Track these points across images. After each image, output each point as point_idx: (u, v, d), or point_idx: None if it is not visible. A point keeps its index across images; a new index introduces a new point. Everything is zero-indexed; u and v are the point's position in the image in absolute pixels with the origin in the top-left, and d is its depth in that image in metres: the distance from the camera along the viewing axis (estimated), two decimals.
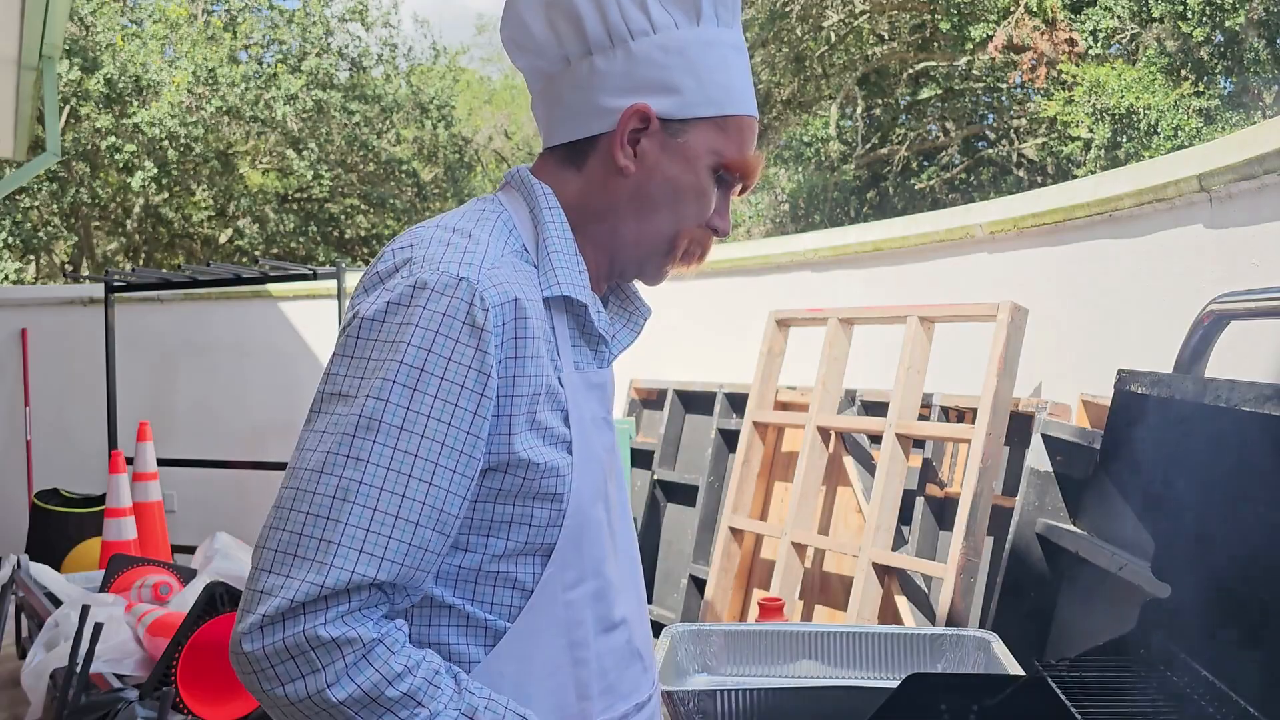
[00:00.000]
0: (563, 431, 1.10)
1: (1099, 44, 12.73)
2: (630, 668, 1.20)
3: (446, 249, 1.07)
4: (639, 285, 1.29)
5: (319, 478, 0.99)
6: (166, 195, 14.72)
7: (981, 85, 14.75)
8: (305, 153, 14.97)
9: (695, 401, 5.00)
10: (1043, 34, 12.56)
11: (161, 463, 5.40)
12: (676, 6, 1.14)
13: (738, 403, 4.60)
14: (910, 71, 15.06)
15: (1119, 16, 12.52)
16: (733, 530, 4.15)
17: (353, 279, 6.12)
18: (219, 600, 3.02)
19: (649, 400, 5.29)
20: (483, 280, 1.04)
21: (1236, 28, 11.63)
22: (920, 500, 3.69)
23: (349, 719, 0.97)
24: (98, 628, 3.07)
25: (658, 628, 4.61)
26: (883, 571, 3.53)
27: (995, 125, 15.82)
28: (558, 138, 1.17)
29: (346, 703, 0.97)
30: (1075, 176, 11.69)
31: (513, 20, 1.17)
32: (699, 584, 4.51)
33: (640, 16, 1.12)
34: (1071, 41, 12.52)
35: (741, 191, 1.21)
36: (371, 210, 16.47)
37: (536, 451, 1.07)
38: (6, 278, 14.07)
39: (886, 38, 15.16)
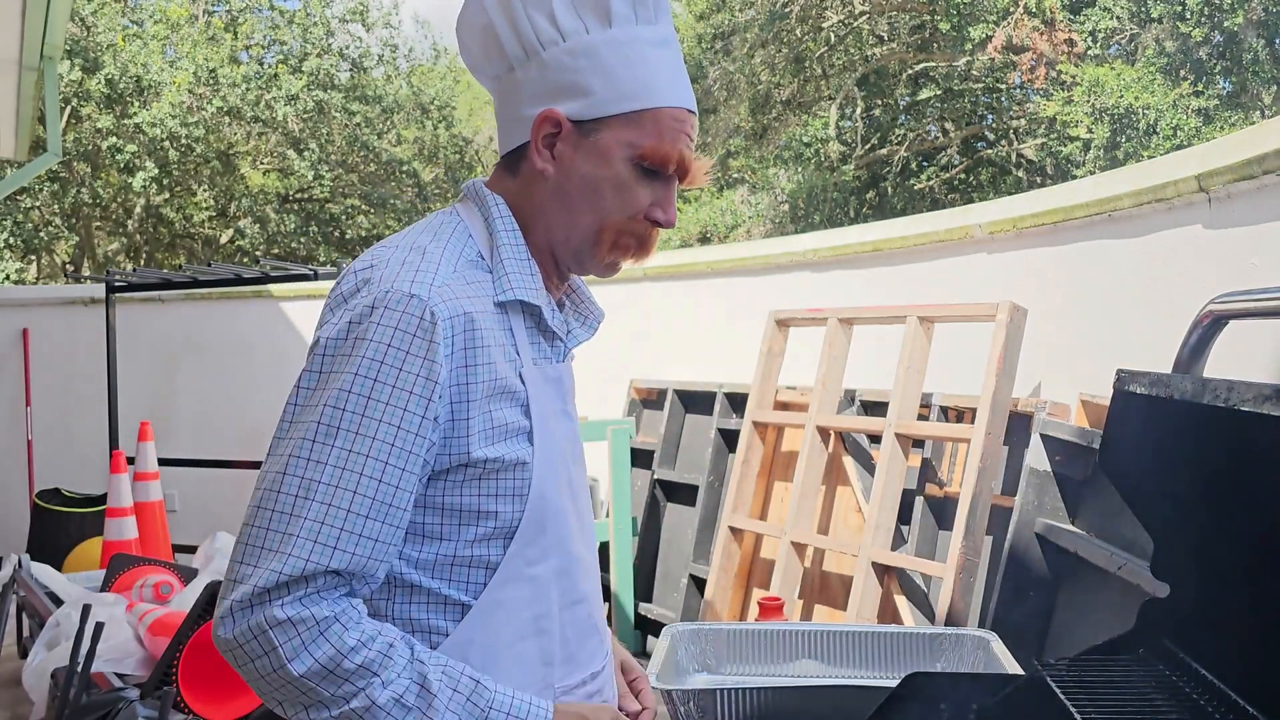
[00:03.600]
0: (523, 423, 1.19)
1: (1098, 44, 12.74)
2: (589, 639, 1.29)
3: (401, 268, 1.15)
4: (592, 290, 1.40)
5: (283, 479, 1.10)
6: (167, 195, 14.73)
7: (981, 86, 14.76)
8: (306, 153, 14.98)
9: (695, 401, 5.00)
10: (1042, 34, 12.57)
11: (162, 462, 5.41)
12: (587, 11, 1.19)
13: (738, 403, 4.60)
14: (910, 72, 15.06)
15: (1118, 17, 12.52)
16: (733, 530, 4.16)
17: None
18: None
19: (649, 400, 5.29)
20: (433, 296, 1.13)
21: (1235, 28, 11.64)
22: (920, 500, 3.69)
23: (311, 689, 1.07)
24: (99, 627, 3.07)
25: (657, 627, 4.62)
26: (882, 571, 3.54)
27: (994, 126, 15.82)
28: (501, 149, 1.27)
29: (306, 675, 1.06)
30: (1074, 177, 11.69)
31: (460, 45, 1.28)
32: (699, 583, 4.51)
33: (548, 27, 1.19)
34: (1071, 42, 12.53)
35: (683, 182, 1.25)
36: (372, 210, 16.48)
37: (496, 447, 1.17)
38: (8, 278, 14.07)
39: (886, 38, 15.17)
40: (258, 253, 14.55)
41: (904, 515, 3.66)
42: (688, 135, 1.23)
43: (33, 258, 15.79)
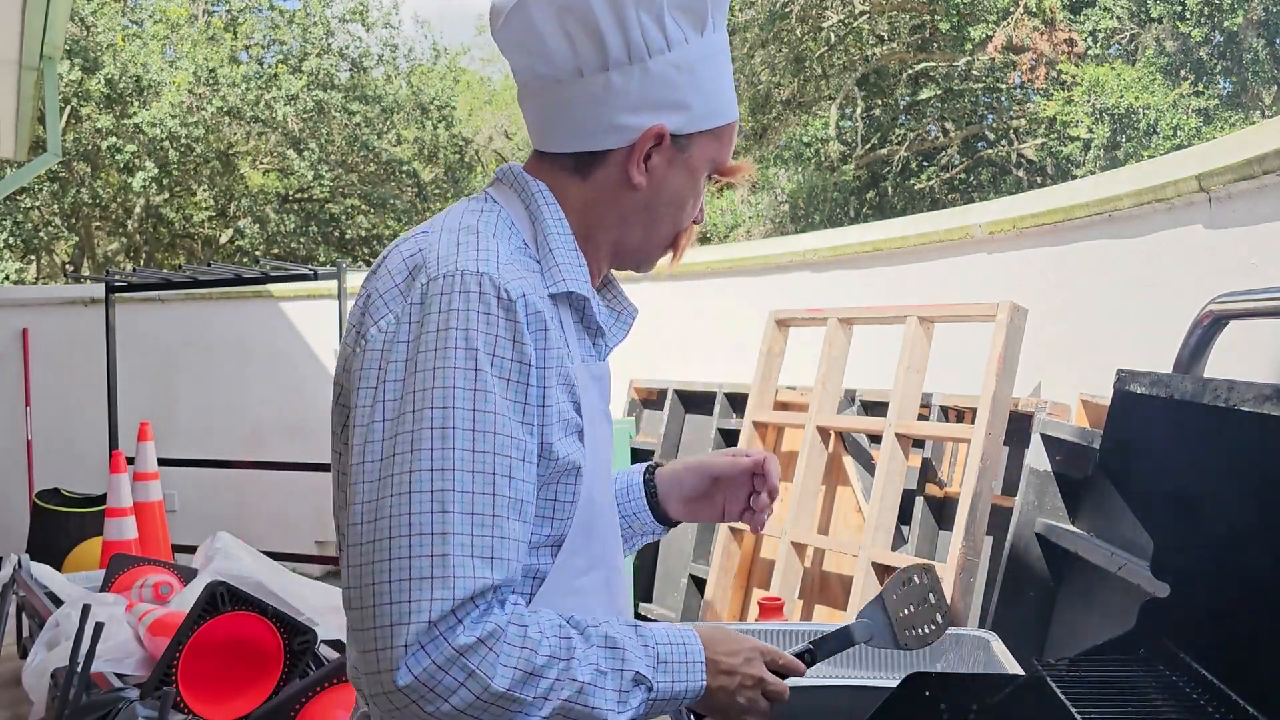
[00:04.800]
0: (577, 421, 1.12)
1: (1098, 44, 12.75)
2: None
3: (460, 249, 1.07)
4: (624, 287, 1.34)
5: (410, 499, 0.99)
6: (167, 195, 14.73)
7: (981, 86, 14.76)
8: (306, 153, 14.97)
9: (695, 401, 5.00)
10: (1042, 34, 12.57)
11: (162, 462, 5.41)
12: (688, 21, 1.15)
13: (738, 403, 4.60)
14: (910, 72, 15.06)
15: (1118, 17, 12.53)
16: (732, 530, 4.15)
17: (353, 279, 6.12)
18: (220, 600, 3.02)
19: (649, 400, 5.29)
20: (504, 275, 1.05)
21: (1235, 28, 11.64)
22: (920, 500, 3.69)
23: (516, 699, 1.00)
24: (99, 627, 3.07)
25: None
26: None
27: (995, 125, 15.82)
28: (560, 145, 1.18)
29: (510, 688, 0.99)
30: (1075, 177, 11.69)
31: (520, 23, 1.14)
32: (699, 583, 4.51)
33: (658, 35, 1.13)
34: (1071, 42, 12.53)
35: (724, 178, 1.26)
36: (372, 210, 16.47)
37: (562, 442, 1.09)
38: (7, 278, 14.07)
39: (886, 38, 15.17)
40: (258, 253, 14.54)
41: (904, 515, 3.66)
42: None
43: (32, 258, 15.79)
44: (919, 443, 3.69)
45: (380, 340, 1.05)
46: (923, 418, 3.64)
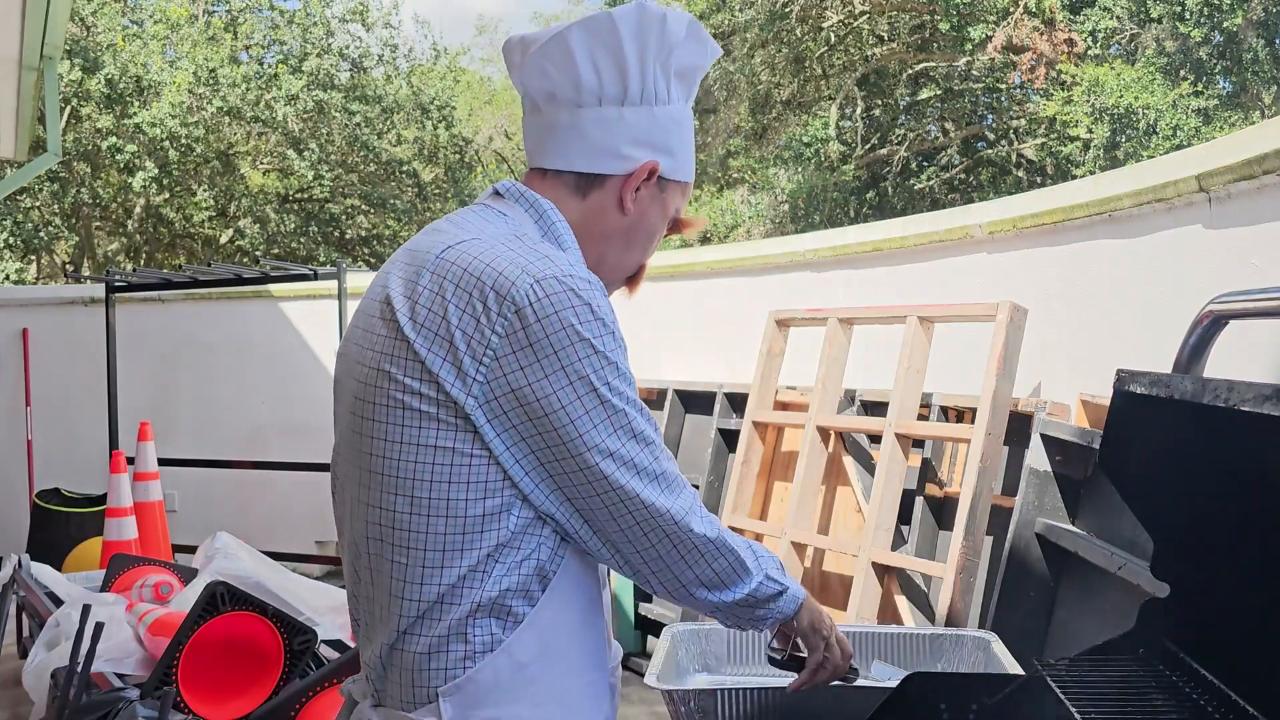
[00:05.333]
0: None
1: (1098, 44, 12.75)
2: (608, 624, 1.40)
3: (536, 259, 1.20)
4: None
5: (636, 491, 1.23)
6: (167, 195, 14.72)
7: (981, 86, 14.76)
8: (306, 153, 14.97)
9: (695, 401, 5.00)
10: (1042, 34, 12.57)
11: (162, 462, 5.41)
12: (682, 86, 1.37)
13: (738, 403, 4.60)
14: (910, 72, 15.06)
15: (1118, 17, 12.53)
16: (733, 530, 4.16)
17: (353, 279, 6.12)
18: (220, 600, 3.02)
19: (649, 400, 5.29)
20: (580, 274, 1.21)
21: (1235, 28, 11.64)
22: (920, 500, 3.69)
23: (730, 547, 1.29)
24: (99, 627, 3.07)
25: (658, 627, 4.61)
26: (882, 571, 3.54)
27: (994, 126, 15.82)
28: (565, 164, 1.32)
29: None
30: (1074, 177, 11.69)
31: (558, 48, 1.30)
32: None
33: (665, 88, 1.35)
34: (1071, 42, 12.53)
35: (670, 233, 1.47)
36: (372, 211, 16.47)
37: None
38: (8, 278, 14.07)
39: (886, 38, 15.17)
40: (258, 253, 14.54)
41: (904, 515, 3.66)
42: None
43: (33, 258, 15.78)
44: (919, 443, 3.69)
45: (484, 353, 1.17)
46: (923, 418, 3.64)
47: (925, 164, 15.86)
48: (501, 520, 1.20)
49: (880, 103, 15.80)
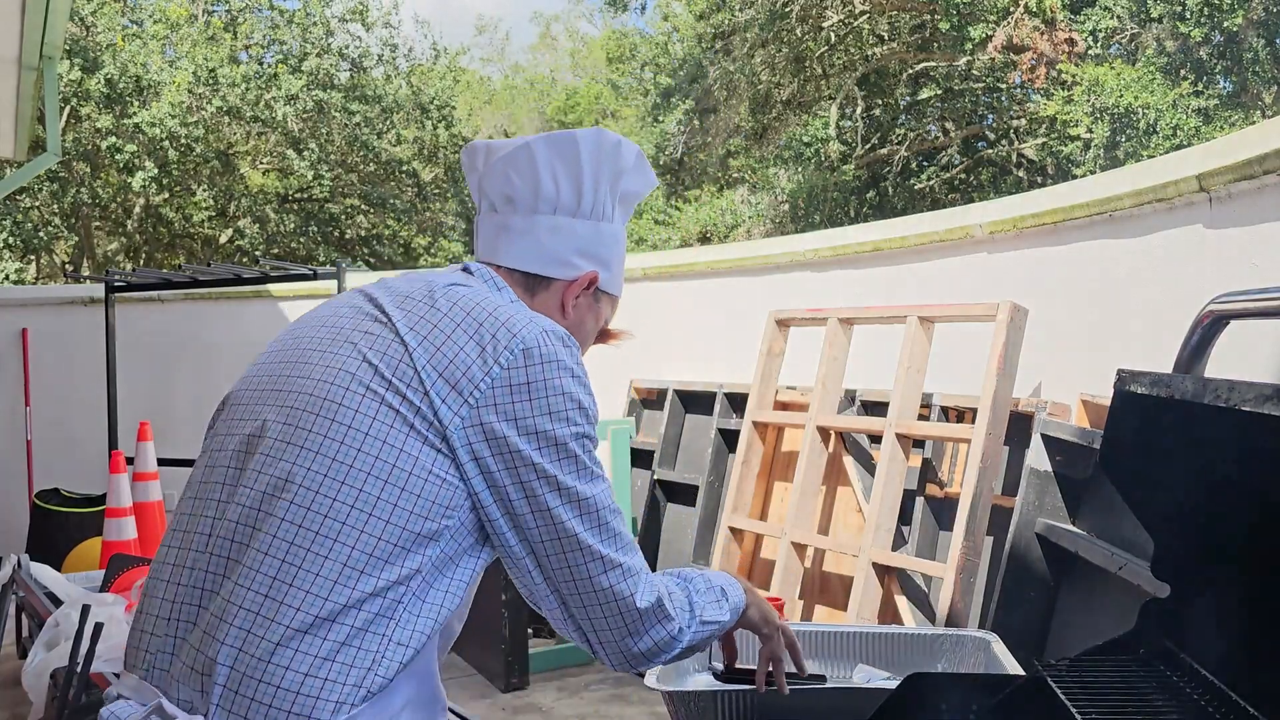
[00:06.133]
0: None
1: (1098, 44, 12.74)
2: None
3: (530, 313, 1.31)
4: None
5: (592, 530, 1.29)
6: (167, 195, 14.72)
7: (981, 85, 14.75)
8: (306, 153, 14.97)
9: (695, 401, 5.00)
10: (1042, 34, 12.57)
11: (162, 462, 5.40)
12: (623, 207, 1.49)
13: (738, 403, 4.60)
14: (910, 72, 15.06)
15: (1118, 16, 12.52)
16: (733, 530, 4.15)
17: (353, 278, 6.11)
18: None
19: (649, 400, 5.29)
20: (571, 336, 1.32)
21: (1235, 28, 11.64)
22: (920, 500, 3.69)
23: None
24: (98, 627, 3.07)
25: None
26: (883, 571, 3.54)
27: (995, 125, 15.82)
28: (517, 263, 1.43)
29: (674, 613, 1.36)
30: (1075, 176, 11.69)
31: (524, 158, 1.42)
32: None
33: (610, 208, 1.47)
34: (1071, 41, 12.52)
35: (596, 342, 1.58)
36: (372, 210, 16.47)
37: None
38: (7, 278, 14.07)
39: (886, 38, 15.16)
40: (257, 252, 14.53)
41: (904, 515, 3.66)
42: None
43: (32, 258, 15.78)
44: (919, 443, 3.69)
45: (482, 379, 1.21)
46: (923, 418, 3.64)
47: (925, 164, 15.86)
48: (430, 547, 1.18)
49: (880, 102, 15.79)
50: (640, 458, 5.04)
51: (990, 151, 15.56)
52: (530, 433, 1.21)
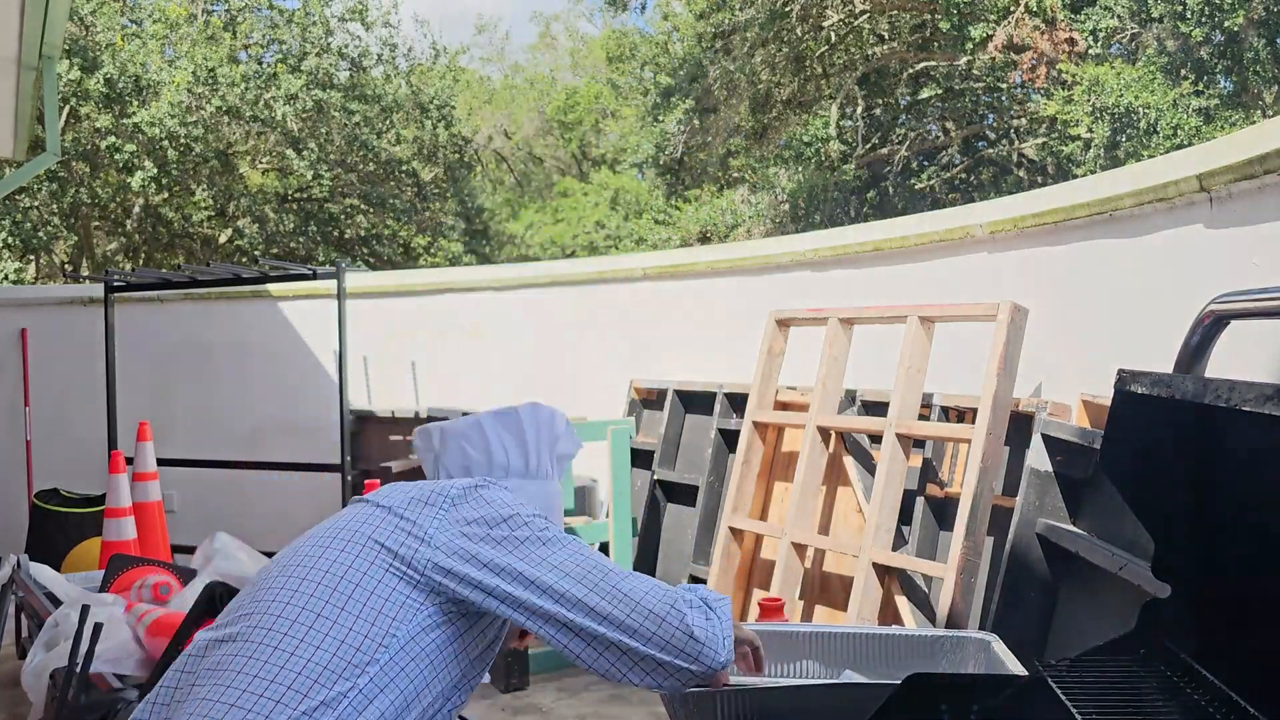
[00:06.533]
0: None
1: (1099, 44, 12.73)
2: None
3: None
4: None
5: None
6: (166, 195, 14.70)
7: (981, 85, 14.75)
8: (305, 153, 14.96)
9: (695, 401, 5.00)
10: (1043, 34, 12.56)
11: (161, 463, 5.40)
12: (557, 470, 1.76)
13: (738, 403, 4.59)
14: (910, 71, 15.05)
15: (1119, 16, 12.51)
16: (733, 530, 4.15)
17: (352, 278, 6.11)
18: (219, 600, 3.02)
19: (649, 400, 5.29)
20: None
21: (1236, 28, 11.63)
22: (920, 500, 3.69)
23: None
24: (97, 628, 3.07)
25: None
26: (883, 571, 3.53)
27: (995, 125, 15.81)
28: None
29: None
30: (1075, 176, 11.68)
31: (476, 431, 1.70)
32: (699, 584, 4.50)
33: (550, 468, 1.75)
34: (1071, 41, 12.51)
35: None
36: (371, 210, 16.46)
37: None
38: (6, 278, 14.06)
39: (886, 38, 15.16)
40: (256, 252, 14.53)
41: (905, 516, 3.66)
42: None
43: (31, 257, 15.77)
44: (919, 443, 3.68)
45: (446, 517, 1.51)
46: (923, 418, 3.64)
47: (926, 163, 15.85)
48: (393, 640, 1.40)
49: (881, 102, 15.79)
50: (640, 458, 5.03)
51: (990, 151, 15.56)
52: (501, 539, 1.49)
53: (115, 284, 6.34)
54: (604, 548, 4.82)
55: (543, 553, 1.48)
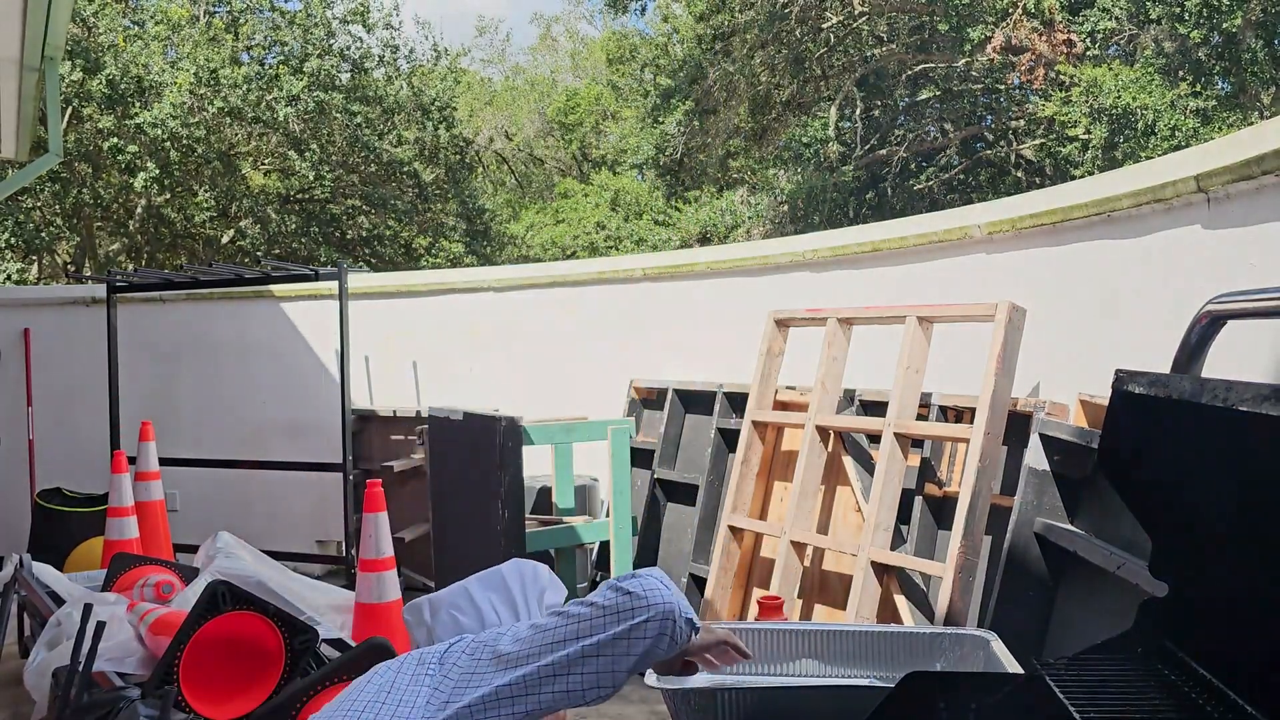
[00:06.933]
0: None
1: (1097, 45, 12.74)
2: None
3: None
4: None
5: None
6: (169, 196, 14.71)
7: (980, 86, 14.76)
8: (307, 154, 14.97)
9: (695, 401, 5.01)
10: (1041, 35, 12.57)
11: (164, 462, 5.41)
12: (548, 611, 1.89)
13: (737, 402, 4.61)
14: (909, 73, 15.06)
15: (1117, 18, 12.52)
16: (732, 529, 4.16)
17: (354, 279, 6.12)
18: (221, 599, 3.03)
19: (649, 400, 5.30)
20: None
21: (1234, 29, 11.64)
22: (919, 499, 3.70)
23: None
24: (100, 626, 3.08)
25: None
26: (882, 570, 3.54)
27: (993, 126, 15.82)
28: None
29: None
30: (1073, 177, 11.69)
31: (464, 597, 1.84)
32: (699, 583, 4.51)
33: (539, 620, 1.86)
34: (1069, 42, 12.52)
35: None
36: (373, 211, 16.46)
37: None
38: (9, 278, 14.07)
39: (885, 39, 15.17)
40: (259, 253, 14.54)
41: (903, 515, 3.67)
42: None
43: (34, 258, 15.78)
44: (918, 442, 3.70)
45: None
46: (922, 417, 3.65)
47: (924, 164, 15.86)
48: None
49: (879, 103, 15.80)
50: (640, 457, 5.04)
51: (989, 152, 15.57)
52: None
53: (118, 284, 6.35)
54: (604, 547, 4.84)
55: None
